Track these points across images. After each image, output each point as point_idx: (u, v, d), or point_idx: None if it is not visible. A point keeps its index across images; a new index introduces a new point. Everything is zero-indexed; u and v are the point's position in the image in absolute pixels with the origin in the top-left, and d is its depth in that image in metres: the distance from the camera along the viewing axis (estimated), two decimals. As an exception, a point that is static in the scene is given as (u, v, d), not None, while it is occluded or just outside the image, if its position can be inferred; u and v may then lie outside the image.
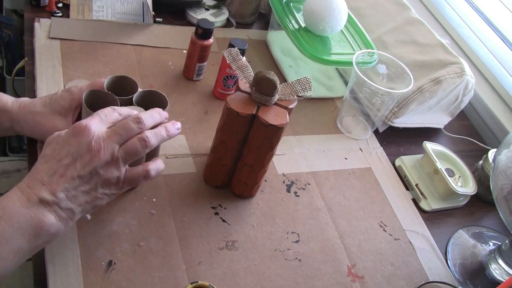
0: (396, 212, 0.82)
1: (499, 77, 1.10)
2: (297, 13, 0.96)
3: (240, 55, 0.68)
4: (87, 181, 0.54)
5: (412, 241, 0.78)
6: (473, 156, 0.99)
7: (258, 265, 0.67)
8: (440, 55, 0.96)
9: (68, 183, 0.52)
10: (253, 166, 0.70)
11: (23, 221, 0.50)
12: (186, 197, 0.72)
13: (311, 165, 0.84)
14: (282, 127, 0.65)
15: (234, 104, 0.65)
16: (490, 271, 0.77)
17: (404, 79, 0.88)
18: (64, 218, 0.53)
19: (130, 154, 0.55)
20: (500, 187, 0.69)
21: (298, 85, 0.67)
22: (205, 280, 0.63)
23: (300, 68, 1.00)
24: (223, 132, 0.68)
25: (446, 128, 1.03)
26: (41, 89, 0.78)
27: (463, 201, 0.88)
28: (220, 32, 1.04)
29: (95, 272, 0.60)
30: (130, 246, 0.64)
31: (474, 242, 0.83)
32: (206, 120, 0.85)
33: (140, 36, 0.95)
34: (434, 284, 0.73)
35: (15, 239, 0.49)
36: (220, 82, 0.87)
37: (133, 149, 0.55)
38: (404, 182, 0.88)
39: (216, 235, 0.69)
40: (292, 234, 0.73)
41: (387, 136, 0.97)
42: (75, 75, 0.83)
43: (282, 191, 0.78)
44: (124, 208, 0.67)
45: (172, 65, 0.92)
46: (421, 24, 1.03)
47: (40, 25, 0.89)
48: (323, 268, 0.70)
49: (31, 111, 0.66)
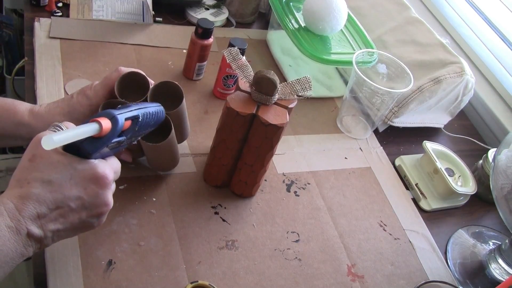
0: (396, 211, 0.82)
1: (499, 77, 1.10)
2: (297, 12, 0.96)
3: (240, 54, 0.68)
4: (82, 223, 0.51)
5: (412, 240, 0.78)
6: (473, 155, 0.99)
7: (258, 265, 0.67)
8: (440, 54, 0.96)
9: (63, 225, 0.49)
10: (253, 165, 0.70)
11: (7, 253, 0.45)
12: (186, 196, 0.72)
13: (311, 164, 0.84)
14: (282, 127, 0.65)
15: (234, 103, 0.65)
16: (490, 271, 0.77)
17: (404, 79, 0.88)
18: (38, 249, 0.49)
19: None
20: (500, 187, 0.69)
21: (298, 84, 0.67)
22: (205, 279, 0.63)
23: (300, 67, 1.00)
24: (223, 132, 0.68)
25: (446, 127, 1.03)
26: (41, 89, 0.78)
27: (463, 201, 0.88)
28: (220, 32, 1.04)
29: (95, 271, 0.60)
30: (130, 245, 0.64)
31: (474, 242, 0.83)
32: (206, 119, 0.85)
33: (140, 35, 0.95)
34: (434, 284, 0.73)
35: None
36: (220, 81, 0.87)
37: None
38: (404, 182, 0.88)
39: (216, 235, 0.69)
40: (292, 234, 0.73)
41: (387, 135, 0.97)
42: (75, 74, 0.83)
43: (282, 191, 0.78)
44: (124, 208, 0.67)
45: (172, 65, 0.92)
46: (421, 23, 1.03)
47: (40, 24, 0.89)
48: (323, 267, 0.70)
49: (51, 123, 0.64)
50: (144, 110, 0.55)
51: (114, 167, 0.53)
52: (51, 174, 0.48)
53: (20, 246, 0.46)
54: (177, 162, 0.74)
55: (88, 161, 0.49)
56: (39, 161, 0.48)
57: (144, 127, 0.56)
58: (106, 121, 0.48)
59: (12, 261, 0.46)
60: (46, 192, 0.47)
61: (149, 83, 0.66)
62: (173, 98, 0.66)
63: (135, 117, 0.53)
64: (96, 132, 0.47)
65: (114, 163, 0.54)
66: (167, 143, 0.64)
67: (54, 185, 0.47)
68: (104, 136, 0.49)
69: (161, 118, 0.61)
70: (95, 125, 0.47)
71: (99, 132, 0.47)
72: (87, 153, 0.49)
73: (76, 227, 0.51)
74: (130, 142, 0.56)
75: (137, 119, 0.53)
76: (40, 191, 0.47)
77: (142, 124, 0.55)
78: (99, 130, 0.47)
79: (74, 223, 0.50)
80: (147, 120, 0.56)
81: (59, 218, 0.48)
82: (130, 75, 0.64)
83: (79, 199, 0.49)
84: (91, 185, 0.49)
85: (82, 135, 0.46)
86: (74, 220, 0.49)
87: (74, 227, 0.50)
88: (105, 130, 0.48)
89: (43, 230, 0.47)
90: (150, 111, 0.57)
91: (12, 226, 0.45)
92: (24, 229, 0.46)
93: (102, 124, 0.47)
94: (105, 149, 0.50)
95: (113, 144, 0.50)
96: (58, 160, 0.48)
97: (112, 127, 0.49)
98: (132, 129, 0.53)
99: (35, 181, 0.47)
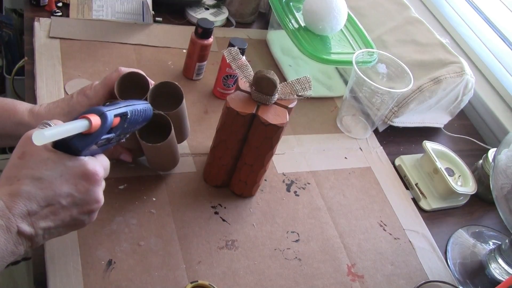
0: (396, 211, 0.82)
1: (499, 77, 1.10)
2: (297, 12, 0.96)
3: (240, 54, 0.68)
4: (74, 220, 0.51)
5: (412, 240, 0.78)
6: (473, 155, 0.99)
7: (258, 265, 0.67)
8: (440, 54, 0.96)
9: (54, 223, 0.48)
10: (253, 165, 0.70)
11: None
12: (186, 196, 0.72)
13: (311, 164, 0.84)
14: (282, 127, 0.65)
15: (234, 103, 0.65)
16: (490, 271, 0.77)
17: (404, 79, 0.88)
18: (30, 247, 0.49)
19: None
20: (500, 187, 0.69)
21: (298, 84, 0.67)
22: (205, 279, 0.63)
23: (300, 67, 1.00)
24: (223, 132, 0.68)
25: (446, 127, 1.03)
26: (40, 88, 0.78)
27: (463, 201, 0.88)
28: (220, 32, 1.04)
29: (95, 271, 0.60)
30: (130, 245, 0.64)
31: (474, 242, 0.83)
32: (206, 119, 0.85)
33: (140, 35, 0.95)
34: (434, 284, 0.73)
35: None
36: (220, 81, 0.87)
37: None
38: (404, 182, 0.88)
39: (216, 235, 0.69)
40: (292, 234, 0.73)
41: (387, 135, 0.97)
42: (75, 74, 0.83)
43: (282, 191, 0.78)
44: (123, 207, 0.67)
45: (172, 65, 0.92)
46: (421, 23, 1.03)
47: (40, 24, 0.89)
48: (323, 267, 0.70)
49: None
50: (132, 107, 0.56)
51: (103, 164, 0.53)
52: (41, 171, 0.47)
53: (10, 244, 0.46)
54: (177, 162, 0.74)
55: (78, 158, 0.49)
56: (29, 158, 0.48)
57: (132, 124, 0.57)
58: (96, 118, 0.48)
59: (3, 259, 0.46)
60: (37, 189, 0.47)
61: (149, 83, 0.66)
62: (173, 98, 0.66)
63: (124, 114, 0.53)
64: (85, 129, 0.47)
65: (104, 160, 0.53)
66: (167, 143, 0.64)
67: (44, 182, 0.47)
68: (93, 132, 0.48)
69: (149, 115, 0.61)
70: (84, 122, 0.47)
71: (89, 128, 0.47)
72: (77, 149, 0.49)
73: (67, 225, 0.50)
74: (119, 139, 0.56)
75: (126, 116, 0.54)
76: (30, 188, 0.46)
77: (130, 121, 0.55)
78: (88, 126, 0.47)
79: (65, 220, 0.49)
80: (135, 117, 0.56)
81: (50, 215, 0.48)
82: (130, 75, 0.64)
83: (70, 196, 0.48)
84: (82, 181, 0.49)
85: (73, 131, 0.46)
86: (65, 217, 0.49)
87: (65, 225, 0.50)
88: (94, 126, 0.48)
89: (33, 227, 0.47)
90: (138, 108, 0.57)
91: (2, 224, 0.45)
92: (15, 227, 0.45)
93: (91, 120, 0.47)
94: (94, 147, 0.50)
95: (103, 141, 0.51)
96: (48, 157, 0.48)
97: (101, 123, 0.49)
98: (121, 126, 0.53)
99: (25, 178, 0.47)
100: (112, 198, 0.68)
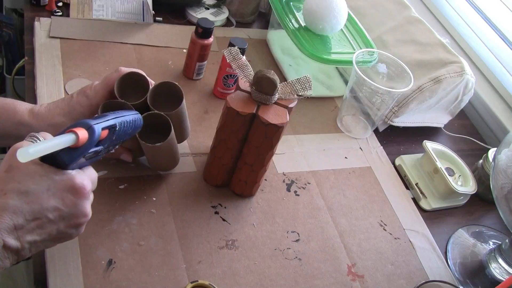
0: (396, 211, 0.82)
1: (499, 76, 1.10)
2: (297, 12, 0.96)
3: (240, 54, 0.68)
4: (60, 234, 0.50)
5: (412, 240, 0.78)
6: (473, 155, 0.99)
7: (258, 264, 0.67)
8: (440, 54, 0.96)
9: (41, 236, 0.48)
10: (253, 165, 0.70)
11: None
12: (186, 196, 0.72)
13: (311, 164, 0.84)
14: (282, 126, 0.65)
15: (234, 103, 0.65)
16: (490, 270, 0.77)
17: (404, 78, 0.88)
18: (16, 261, 0.48)
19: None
20: (500, 186, 0.69)
21: (298, 84, 0.67)
22: (205, 279, 0.63)
23: (300, 67, 1.00)
24: (223, 131, 0.68)
25: (446, 127, 1.03)
26: (41, 88, 0.78)
27: (463, 200, 0.88)
28: (220, 31, 1.04)
29: (95, 271, 0.60)
30: (130, 245, 0.64)
31: (474, 241, 0.83)
32: (206, 119, 0.85)
33: (140, 35, 0.95)
34: (434, 283, 0.73)
35: None
36: (220, 81, 0.87)
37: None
38: (404, 181, 0.88)
39: (216, 234, 0.69)
40: (292, 233, 0.73)
41: (387, 135, 0.97)
42: (75, 74, 0.83)
43: (282, 190, 0.78)
44: (124, 207, 0.67)
45: (172, 64, 0.92)
46: (421, 23, 1.03)
47: (40, 24, 0.89)
48: (323, 267, 0.70)
49: (52, 124, 0.62)
50: (121, 119, 0.55)
51: (91, 178, 0.52)
52: (28, 184, 0.47)
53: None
54: (177, 162, 0.74)
55: (65, 172, 0.49)
56: (16, 172, 0.47)
57: (121, 136, 0.56)
58: (83, 131, 0.47)
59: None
60: (23, 203, 0.46)
61: (149, 83, 0.66)
62: (173, 98, 0.66)
63: (112, 126, 0.52)
64: (72, 143, 0.46)
65: (92, 173, 0.53)
66: (167, 144, 0.64)
67: (31, 196, 0.46)
68: (81, 146, 0.48)
69: (138, 125, 0.60)
70: (71, 136, 0.46)
71: (76, 142, 0.47)
72: (64, 163, 0.48)
73: (54, 238, 0.50)
74: (108, 151, 0.55)
75: (114, 128, 0.53)
76: (16, 202, 0.46)
77: (119, 133, 0.54)
78: (75, 140, 0.46)
79: (52, 234, 0.49)
80: (124, 129, 0.55)
81: (36, 229, 0.47)
82: (130, 75, 0.64)
83: (56, 210, 0.48)
84: (69, 195, 0.48)
85: (58, 146, 0.45)
86: (52, 231, 0.49)
87: (52, 238, 0.50)
88: (81, 140, 0.47)
89: (20, 241, 0.46)
90: (127, 119, 0.56)
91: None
92: (0, 241, 0.45)
93: (78, 134, 0.47)
94: (82, 159, 0.50)
95: (90, 154, 0.50)
96: (35, 171, 0.47)
97: (88, 137, 0.48)
98: (109, 139, 0.52)
99: (12, 192, 0.46)
100: (112, 198, 0.68)
